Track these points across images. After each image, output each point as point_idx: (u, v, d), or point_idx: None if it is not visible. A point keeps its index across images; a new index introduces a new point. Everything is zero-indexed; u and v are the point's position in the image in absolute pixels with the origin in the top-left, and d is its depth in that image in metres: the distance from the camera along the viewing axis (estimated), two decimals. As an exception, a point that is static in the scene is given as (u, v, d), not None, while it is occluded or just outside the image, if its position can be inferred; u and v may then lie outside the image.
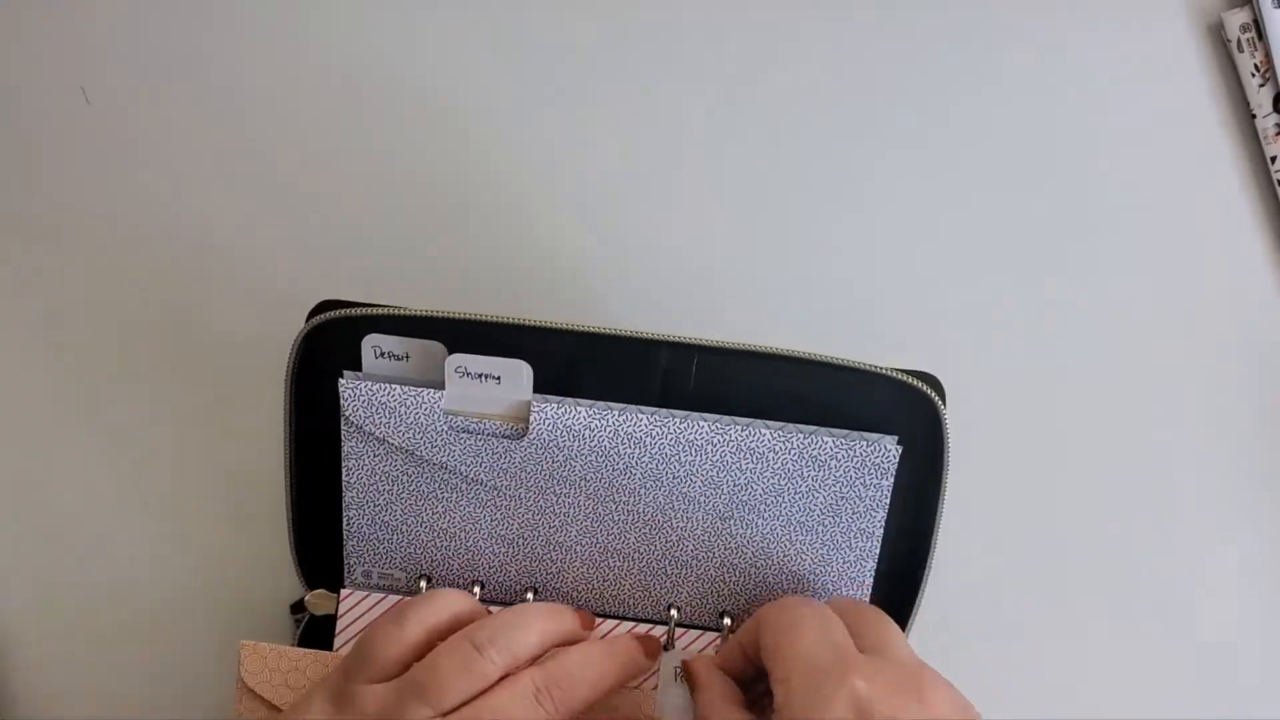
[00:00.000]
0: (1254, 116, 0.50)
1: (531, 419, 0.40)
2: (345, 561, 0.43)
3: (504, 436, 0.40)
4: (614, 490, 0.41)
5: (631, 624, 0.42)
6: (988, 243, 0.50)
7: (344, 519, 0.42)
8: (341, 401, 0.40)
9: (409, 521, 0.42)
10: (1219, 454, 0.50)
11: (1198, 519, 0.49)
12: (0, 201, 0.50)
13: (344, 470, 0.41)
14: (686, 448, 0.40)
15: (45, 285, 0.50)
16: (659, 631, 0.42)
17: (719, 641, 0.42)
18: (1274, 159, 0.49)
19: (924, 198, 0.50)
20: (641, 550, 0.42)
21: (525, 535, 0.42)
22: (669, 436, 0.40)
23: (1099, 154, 0.50)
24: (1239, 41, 0.50)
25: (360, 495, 0.42)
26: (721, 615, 0.42)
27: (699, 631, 0.42)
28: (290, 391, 0.41)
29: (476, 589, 0.42)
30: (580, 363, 0.40)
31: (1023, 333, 0.50)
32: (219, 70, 0.50)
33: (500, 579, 0.43)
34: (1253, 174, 0.50)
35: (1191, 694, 0.49)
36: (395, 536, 0.42)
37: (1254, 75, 0.49)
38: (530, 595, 0.42)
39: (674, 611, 0.42)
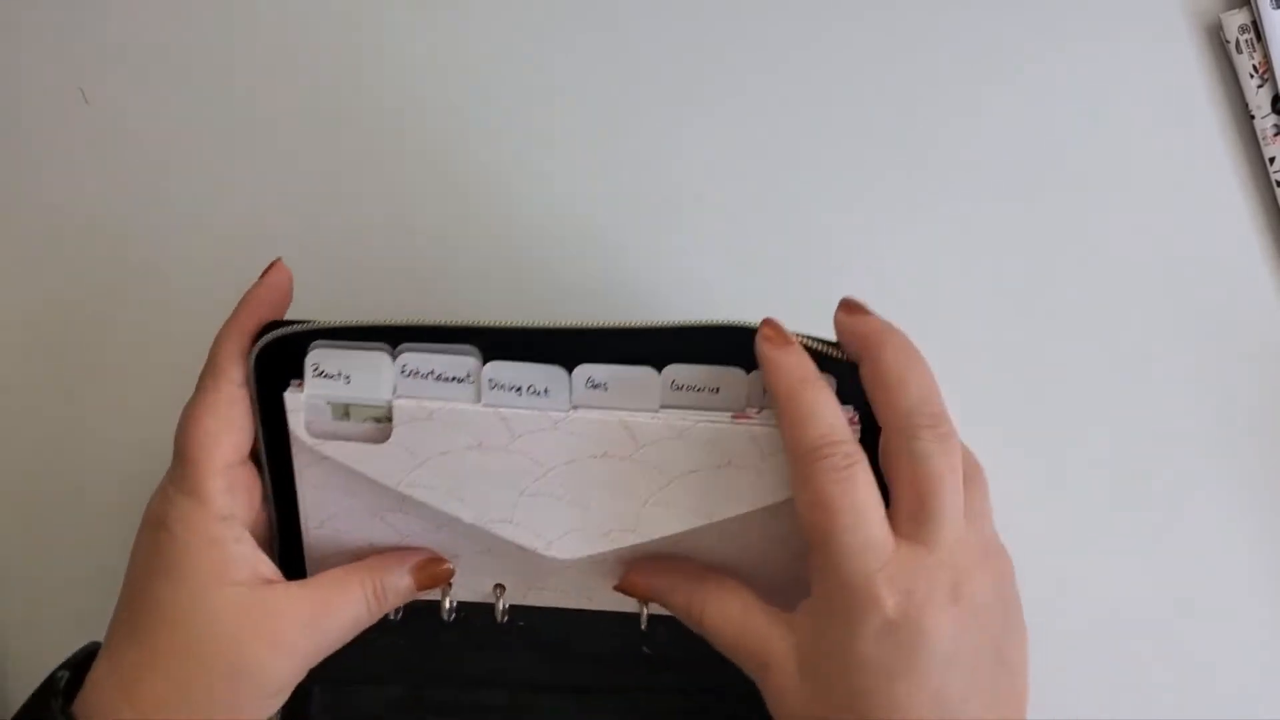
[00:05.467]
0: (1253, 118, 0.50)
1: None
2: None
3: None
4: None
5: None
6: (983, 245, 0.50)
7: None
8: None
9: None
10: (1217, 456, 0.50)
11: (1196, 521, 0.49)
12: (-1, 201, 0.50)
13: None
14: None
15: (40, 285, 0.50)
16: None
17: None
18: (1273, 160, 0.49)
19: (917, 203, 0.50)
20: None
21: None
22: None
23: (1096, 155, 0.50)
24: (1238, 43, 0.49)
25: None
26: None
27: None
28: (256, 410, 0.40)
29: (447, 587, 0.42)
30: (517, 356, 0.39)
31: (1017, 335, 0.50)
32: (219, 70, 0.50)
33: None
34: (1251, 175, 0.50)
35: (1187, 697, 0.49)
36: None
37: (1252, 76, 0.49)
38: (498, 592, 0.42)
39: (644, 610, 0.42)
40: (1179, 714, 0.48)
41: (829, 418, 0.35)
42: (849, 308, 0.37)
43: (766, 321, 0.37)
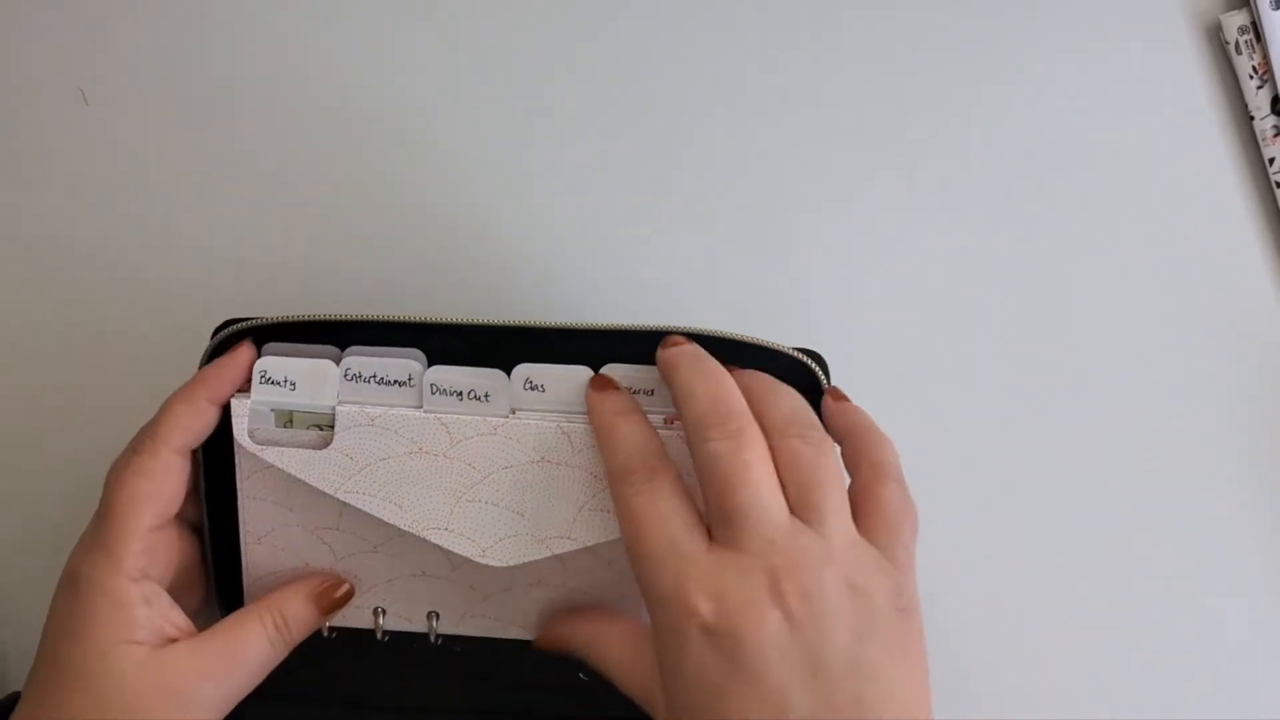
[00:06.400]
0: (1252, 119, 0.50)
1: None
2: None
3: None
4: None
5: None
6: (982, 245, 0.50)
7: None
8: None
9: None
10: (1217, 459, 0.49)
11: (1196, 521, 0.49)
12: (-1, 201, 0.50)
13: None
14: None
15: (40, 285, 0.50)
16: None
17: None
18: (1272, 161, 0.49)
19: (915, 205, 0.50)
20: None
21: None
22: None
23: (1095, 156, 0.50)
24: (1237, 43, 0.50)
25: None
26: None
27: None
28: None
29: (380, 616, 0.42)
30: (474, 356, 0.39)
31: (1017, 336, 0.50)
32: (220, 72, 0.50)
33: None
34: (1251, 176, 0.50)
35: (1188, 697, 0.49)
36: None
37: (1252, 77, 0.49)
38: (432, 620, 0.42)
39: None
40: (1180, 714, 0.48)
41: (636, 441, 0.37)
42: (665, 342, 0.39)
43: (598, 378, 0.39)
